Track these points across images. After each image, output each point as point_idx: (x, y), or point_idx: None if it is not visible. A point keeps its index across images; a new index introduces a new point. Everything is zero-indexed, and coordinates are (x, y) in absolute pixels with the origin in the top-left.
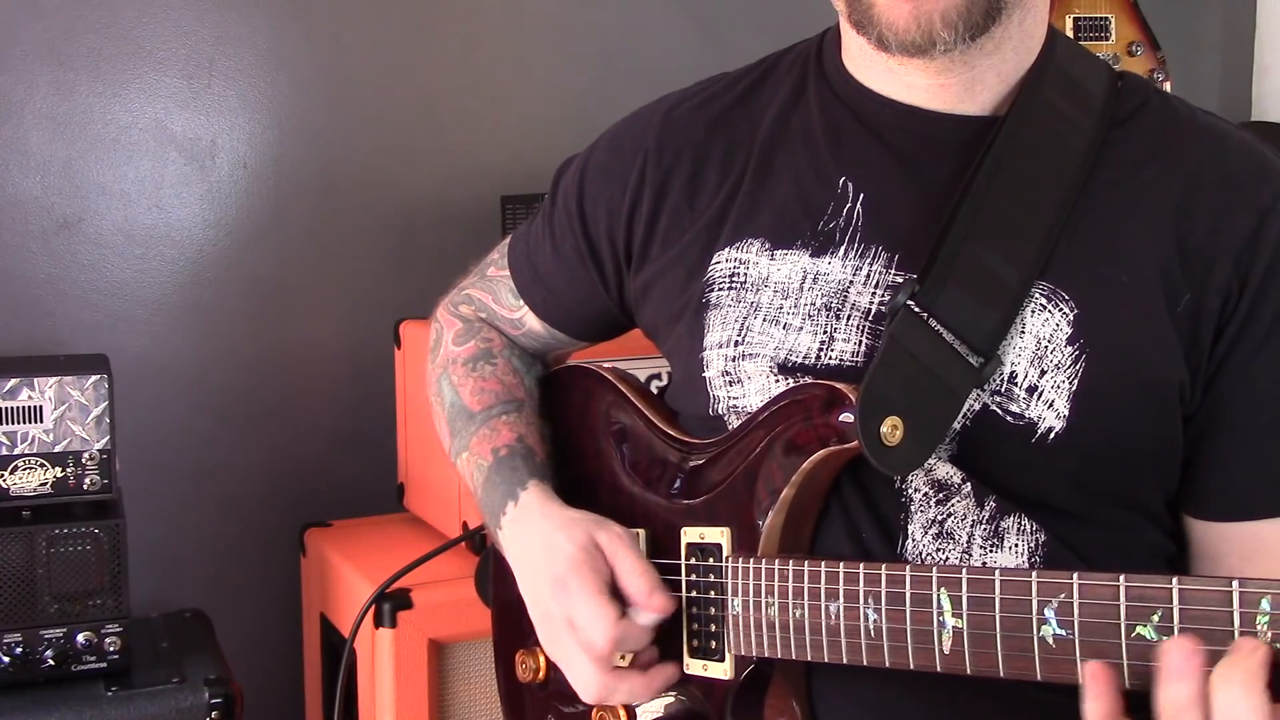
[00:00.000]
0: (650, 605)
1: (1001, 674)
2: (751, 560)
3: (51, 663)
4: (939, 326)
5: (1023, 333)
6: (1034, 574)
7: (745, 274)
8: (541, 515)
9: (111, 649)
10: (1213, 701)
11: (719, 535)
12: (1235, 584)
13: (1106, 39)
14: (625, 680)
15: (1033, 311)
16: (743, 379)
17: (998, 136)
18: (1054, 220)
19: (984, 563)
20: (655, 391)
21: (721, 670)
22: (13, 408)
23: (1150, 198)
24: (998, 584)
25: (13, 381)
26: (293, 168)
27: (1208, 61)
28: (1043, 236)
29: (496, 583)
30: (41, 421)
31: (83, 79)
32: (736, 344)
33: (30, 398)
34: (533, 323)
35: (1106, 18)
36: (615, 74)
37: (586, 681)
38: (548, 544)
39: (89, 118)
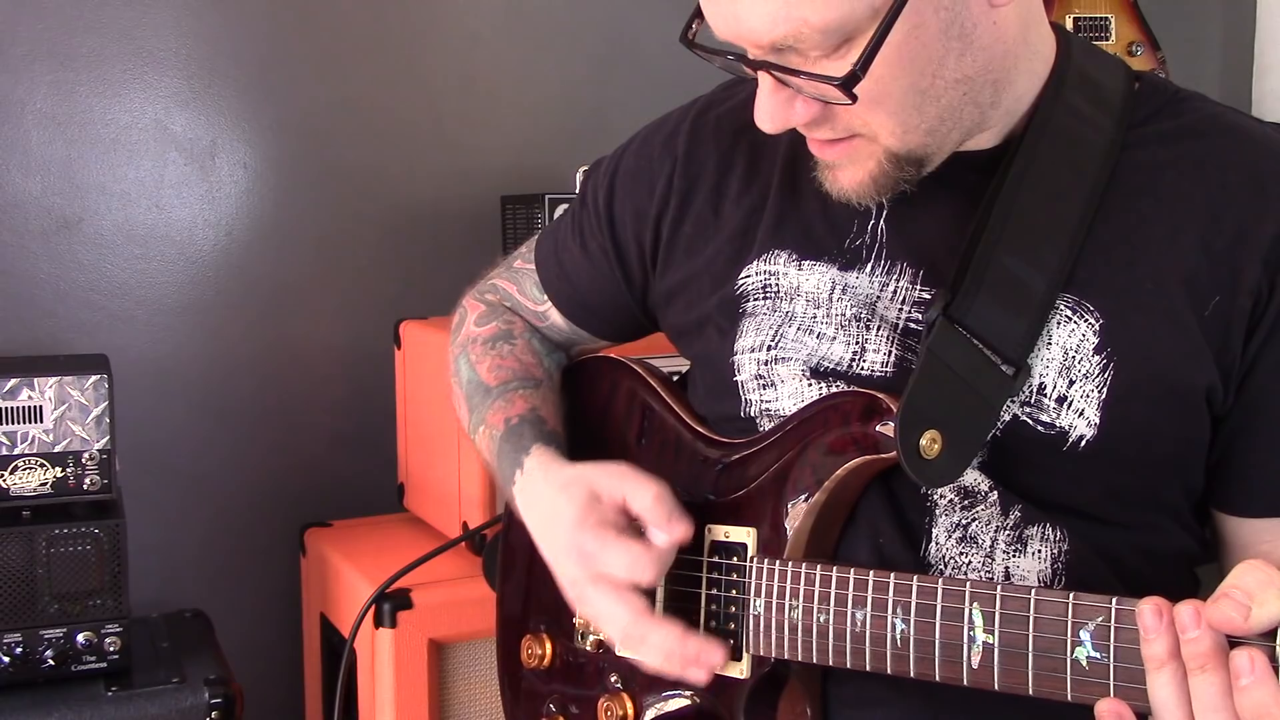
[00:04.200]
0: (671, 532)
1: (1030, 692)
2: (777, 562)
3: (51, 663)
4: (972, 337)
5: (1049, 344)
6: (1070, 596)
7: (777, 285)
8: (544, 480)
9: (111, 649)
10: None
11: (744, 535)
12: None
13: (1106, 39)
14: (661, 625)
15: (1059, 323)
16: (776, 382)
17: (1022, 143)
18: (1076, 228)
19: (1006, 568)
20: None
21: (738, 669)
22: (13, 408)
23: (1173, 202)
24: (1033, 603)
25: (13, 381)
26: (293, 168)
27: (1208, 61)
28: (1067, 244)
29: (504, 570)
30: (41, 421)
31: (83, 79)
32: (769, 348)
33: (30, 398)
34: (556, 317)
35: (1106, 18)
36: (615, 74)
37: (620, 623)
38: (553, 510)
39: (89, 118)
